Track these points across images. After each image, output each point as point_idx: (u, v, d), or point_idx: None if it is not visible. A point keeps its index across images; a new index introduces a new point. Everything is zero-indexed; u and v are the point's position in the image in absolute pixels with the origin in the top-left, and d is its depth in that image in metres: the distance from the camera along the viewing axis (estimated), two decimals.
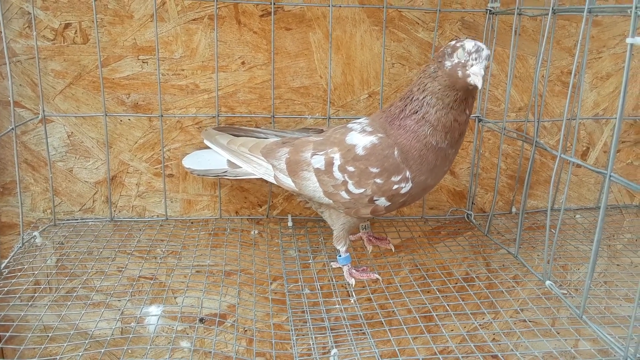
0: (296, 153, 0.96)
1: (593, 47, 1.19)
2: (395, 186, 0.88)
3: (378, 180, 0.88)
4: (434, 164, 0.88)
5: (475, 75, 0.79)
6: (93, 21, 1.02)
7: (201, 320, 1.14)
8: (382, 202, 0.90)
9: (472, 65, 0.80)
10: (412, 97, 0.87)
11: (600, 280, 1.26)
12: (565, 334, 0.86)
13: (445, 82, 0.83)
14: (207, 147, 1.07)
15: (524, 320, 1.13)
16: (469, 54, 0.80)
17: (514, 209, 1.25)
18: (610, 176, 0.72)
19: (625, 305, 1.04)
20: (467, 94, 0.84)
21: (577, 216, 1.26)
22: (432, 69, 0.85)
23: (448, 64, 0.83)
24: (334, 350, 0.79)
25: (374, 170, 0.88)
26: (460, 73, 0.81)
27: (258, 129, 1.08)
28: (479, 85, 0.79)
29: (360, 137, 0.91)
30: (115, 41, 1.05)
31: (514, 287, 1.08)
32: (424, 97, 0.86)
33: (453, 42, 0.84)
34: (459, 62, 0.81)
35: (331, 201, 0.94)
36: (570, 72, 1.15)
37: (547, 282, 0.91)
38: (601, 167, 1.22)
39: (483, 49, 0.81)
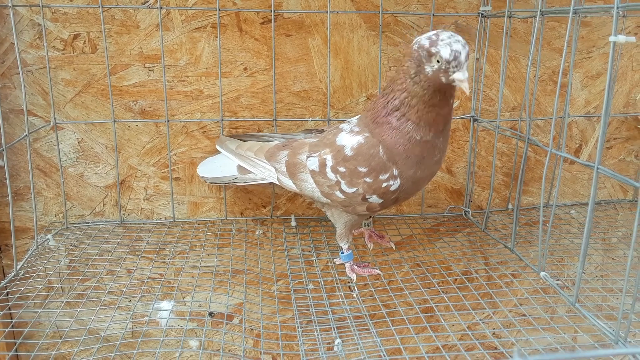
0: (294, 155, 0.99)
1: (583, 47, 1.23)
2: (385, 184, 0.90)
3: (367, 180, 0.90)
4: (421, 156, 0.88)
5: (461, 81, 0.78)
6: (101, 31, 1.07)
7: (210, 314, 1.17)
8: (375, 199, 0.92)
9: (454, 73, 0.78)
10: (394, 96, 0.86)
11: (597, 274, 1.29)
12: (564, 327, 0.89)
13: (428, 86, 0.82)
14: (215, 154, 1.12)
15: (523, 314, 1.17)
16: (448, 62, 0.77)
17: (510, 206, 1.29)
18: (597, 168, 0.76)
19: (621, 296, 1.07)
20: (452, 89, 0.83)
21: (572, 211, 1.30)
22: (412, 72, 0.83)
23: (428, 69, 0.80)
24: (337, 340, 0.82)
25: (362, 169, 0.90)
26: (443, 79, 0.79)
27: (264, 134, 1.12)
28: (467, 91, 0.78)
29: (349, 138, 0.93)
30: (122, 50, 1.09)
31: (512, 281, 1.11)
32: (405, 97, 0.85)
33: (427, 44, 0.79)
34: (439, 68, 0.79)
35: (329, 200, 0.97)
36: (562, 72, 1.18)
37: (542, 273, 0.94)
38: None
39: (460, 53, 0.77)
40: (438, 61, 0.78)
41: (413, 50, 0.82)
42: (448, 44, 0.78)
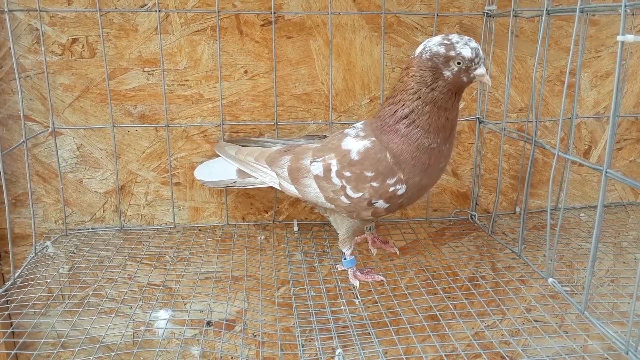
0: (297, 160, 0.98)
1: (592, 46, 1.20)
2: (392, 188, 0.89)
3: (374, 184, 0.89)
4: (427, 164, 0.88)
5: (483, 75, 0.83)
6: (99, 35, 1.05)
7: (208, 323, 1.16)
8: (381, 204, 0.91)
9: (475, 69, 0.83)
10: (403, 105, 0.87)
11: (607, 278, 1.26)
12: (574, 335, 0.86)
13: (448, 90, 0.84)
14: (215, 157, 1.10)
15: (531, 321, 1.14)
16: (470, 61, 0.82)
17: (517, 209, 1.26)
18: (606, 172, 0.73)
19: (632, 302, 1.04)
20: (462, 90, 0.87)
21: (582, 215, 1.27)
22: (429, 80, 0.84)
23: (448, 73, 0.83)
24: (338, 350, 0.80)
25: (369, 174, 0.89)
26: (465, 79, 0.84)
27: (264, 139, 1.10)
28: (490, 82, 0.85)
29: (355, 142, 0.92)
30: (121, 54, 1.08)
31: (519, 287, 1.08)
32: (417, 105, 0.86)
33: (442, 50, 0.82)
34: (459, 69, 0.82)
35: (333, 206, 0.96)
36: (571, 72, 1.16)
37: (550, 280, 0.91)
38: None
39: (479, 49, 0.83)
40: (459, 63, 0.82)
41: (424, 59, 0.84)
42: (465, 44, 0.82)
